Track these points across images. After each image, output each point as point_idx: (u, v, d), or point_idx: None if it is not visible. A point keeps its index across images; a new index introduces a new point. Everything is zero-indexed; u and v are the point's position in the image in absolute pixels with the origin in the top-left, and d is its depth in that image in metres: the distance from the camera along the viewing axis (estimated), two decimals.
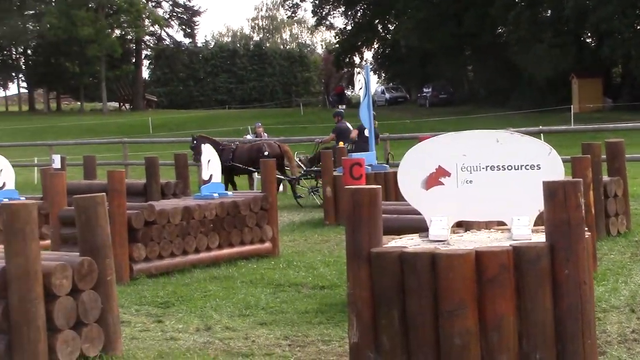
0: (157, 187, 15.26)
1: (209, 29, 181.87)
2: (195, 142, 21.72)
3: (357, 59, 79.13)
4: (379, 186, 5.04)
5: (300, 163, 20.65)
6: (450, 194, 5.17)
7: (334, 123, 21.49)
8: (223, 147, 20.59)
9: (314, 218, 16.72)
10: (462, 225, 5.64)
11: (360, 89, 17.39)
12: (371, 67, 58.72)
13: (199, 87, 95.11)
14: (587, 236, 4.69)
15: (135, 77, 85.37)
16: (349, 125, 20.67)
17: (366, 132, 18.81)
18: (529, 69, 54.62)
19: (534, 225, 5.13)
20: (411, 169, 5.25)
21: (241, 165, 20.17)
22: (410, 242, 5.13)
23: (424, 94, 67.10)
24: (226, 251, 11.61)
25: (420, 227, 5.65)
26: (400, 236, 5.45)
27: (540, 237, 4.84)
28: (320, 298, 9.06)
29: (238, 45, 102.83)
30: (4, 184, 13.77)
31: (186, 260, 11.13)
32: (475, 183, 5.15)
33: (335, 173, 16.06)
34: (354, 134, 20.16)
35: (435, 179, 5.20)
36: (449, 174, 5.18)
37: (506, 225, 5.29)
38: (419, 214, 5.34)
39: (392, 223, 7.73)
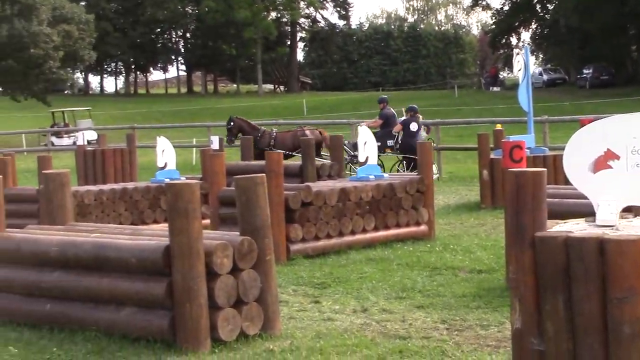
0: (313, 169, 15.38)
1: (364, 11, 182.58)
2: (232, 123, 22.11)
3: (514, 40, 77.76)
4: (544, 169, 4.90)
5: (346, 148, 20.11)
6: (619, 178, 4.97)
7: (382, 110, 21.57)
8: (262, 133, 20.92)
9: (470, 201, 16.52)
10: (632, 211, 5.42)
11: (519, 70, 16.99)
12: (529, 48, 57.53)
13: (353, 69, 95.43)
14: None
15: (290, 59, 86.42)
16: (394, 111, 20.69)
17: (412, 127, 18.93)
18: None
19: None
20: (578, 152, 5.08)
21: (284, 151, 19.95)
22: (576, 227, 4.97)
23: (584, 75, 65.26)
24: (382, 233, 11.59)
25: (584, 212, 5.46)
26: (565, 221, 5.29)
27: None
28: (477, 282, 8.93)
29: (392, 26, 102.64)
30: (165, 164, 14.17)
31: (342, 241, 11.17)
32: None
33: (492, 156, 15.81)
34: (398, 128, 20.30)
35: (603, 162, 5.01)
36: (618, 157, 4.98)
37: None
38: (583, 197, 5.16)
39: (555, 207, 7.53)
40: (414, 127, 19.62)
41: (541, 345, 4.61)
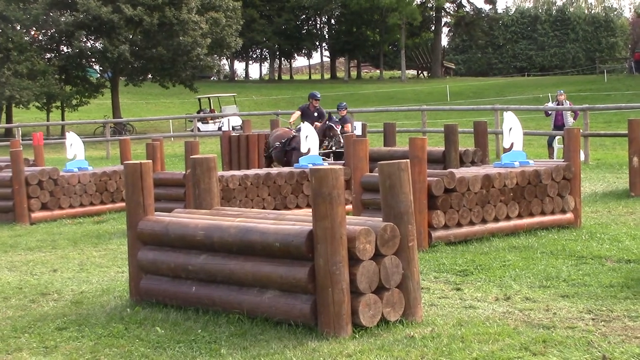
0: (456, 155, 15.25)
1: None
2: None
3: None
4: None
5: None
6: None
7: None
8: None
9: (618, 189, 16.04)
10: None
11: None
12: None
13: (498, 54, 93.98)
14: None
15: (434, 44, 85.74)
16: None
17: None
18: None
19: None
20: None
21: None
22: None
23: None
24: (526, 221, 11.40)
25: None
26: None
27: None
28: (626, 272, 8.67)
29: (540, 10, 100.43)
30: (309, 150, 14.31)
31: (485, 228, 11.04)
32: None
33: None
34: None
35: None
36: None
37: None
38: None
39: None
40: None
41: None
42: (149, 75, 49.91)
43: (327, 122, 16.98)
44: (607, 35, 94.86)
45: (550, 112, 23.22)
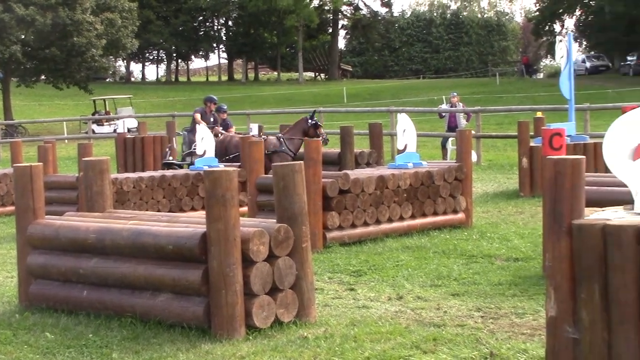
0: (351, 157, 15.38)
1: None
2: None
3: (557, 27, 76.84)
4: (583, 157, 4.84)
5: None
6: None
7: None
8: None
9: (508, 189, 16.41)
10: None
11: (562, 57, 16.81)
12: (573, 35, 56.79)
13: (394, 56, 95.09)
14: None
15: (331, 47, 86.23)
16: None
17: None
18: None
19: None
20: (618, 140, 5.01)
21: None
22: (614, 215, 4.90)
23: (628, 62, 64.44)
24: (419, 221, 11.56)
25: (623, 200, 5.40)
26: (603, 208, 5.23)
27: None
28: (514, 270, 8.88)
29: (435, 14, 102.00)
30: (204, 152, 14.22)
31: (379, 229, 11.15)
32: None
33: (532, 144, 15.68)
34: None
35: None
36: None
37: None
38: (622, 185, 5.10)
39: (593, 195, 7.46)
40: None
41: (576, 333, 4.57)
42: (42, 77, 48.85)
43: (310, 121, 16.28)
44: (499, 39, 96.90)
45: (444, 114, 23.61)
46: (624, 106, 17.12)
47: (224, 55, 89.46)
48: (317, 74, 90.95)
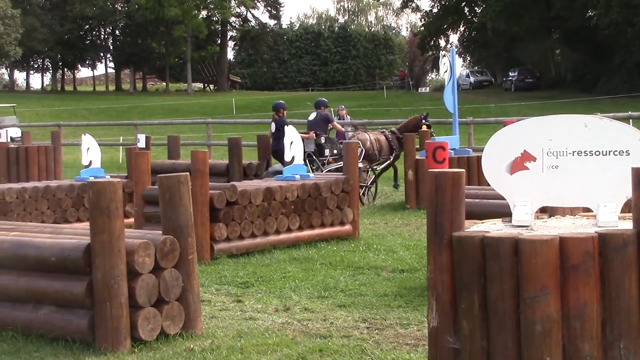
0: (240, 168, 15.38)
1: (295, 11, 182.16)
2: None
3: (442, 42, 78.43)
4: (463, 170, 4.96)
5: None
6: (535, 179, 5.07)
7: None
8: None
9: (395, 202, 16.65)
10: (547, 211, 5.53)
11: (445, 72, 17.19)
12: (456, 50, 57.95)
13: (283, 68, 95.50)
14: None
15: (220, 58, 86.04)
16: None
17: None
18: (619, 53, 53.46)
19: (621, 212, 5.00)
20: (496, 153, 5.16)
21: None
22: (492, 227, 5.05)
23: (510, 77, 66.21)
24: (306, 233, 11.64)
25: (503, 212, 5.55)
26: (483, 221, 5.37)
27: (627, 225, 4.72)
28: (399, 281, 9.02)
29: (323, 27, 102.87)
30: (90, 162, 14.02)
31: (267, 241, 11.18)
32: (561, 168, 5.03)
33: (417, 156, 15.96)
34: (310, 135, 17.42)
35: (520, 163, 5.10)
36: (534, 159, 5.07)
37: (592, 211, 5.16)
38: (503, 198, 5.25)
39: (474, 207, 7.65)
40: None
41: (456, 343, 4.68)
42: None
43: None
44: (386, 52, 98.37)
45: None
46: (505, 120, 17.56)
47: (112, 64, 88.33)
48: (206, 85, 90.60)
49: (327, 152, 17.01)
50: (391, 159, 17.77)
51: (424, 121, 17.91)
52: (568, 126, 5.06)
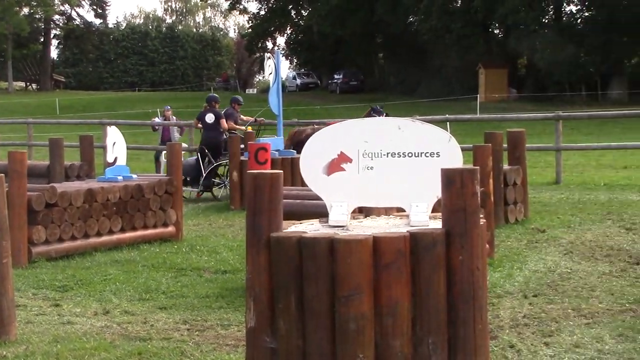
0: (61, 169, 14.98)
1: (121, 10, 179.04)
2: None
3: (269, 44, 78.94)
4: (281, 171, 5.01)
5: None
6: (351, 179, 5.17)
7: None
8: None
9: (220, 203, 16.64)
10: (363, 211, 5.64)
11: (270, 74, 17.28)
12: (283, 52, 58.57)
13: (109, 68, 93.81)
14: (482, 223, 4.74)
15: (43, 56, 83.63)
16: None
17: (208, 119, 18.29)
18: (438, 58, 55.26)
19: (433, 211, 5.15)
20: (313, 155, 5.23)
21: None
22: (310, 228, 5.11)
23: (335, 80, 67.36)
24: (129, 235, 11.48)
25: (322, 213, 5.64)
26: (301, 221, 5.43)
27: (438, 224, 4.87)
28: (221, 282, 9.03)
29: (150, 27, 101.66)
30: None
31: (87, 243, 10.96)
32: (376, 169, 5.14)
33: (242, 158, 15.99)
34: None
35: (336, 164, 5.18)
36: (350, 160, 5.17)
37: (405, 211, 5.31)
38: (320, 199, 5.33)
39: (295, 208, 7.74)
40: (209, 118, 18.48)
41: (273, 343, 4.72)
42: None
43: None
44: (214, 53, 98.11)
45: (157, 127, 23.55)
46: (328, 122, 17.81)
47: None
48: (28, 84, 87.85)
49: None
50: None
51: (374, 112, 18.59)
52: (382, 128, 5.19)
